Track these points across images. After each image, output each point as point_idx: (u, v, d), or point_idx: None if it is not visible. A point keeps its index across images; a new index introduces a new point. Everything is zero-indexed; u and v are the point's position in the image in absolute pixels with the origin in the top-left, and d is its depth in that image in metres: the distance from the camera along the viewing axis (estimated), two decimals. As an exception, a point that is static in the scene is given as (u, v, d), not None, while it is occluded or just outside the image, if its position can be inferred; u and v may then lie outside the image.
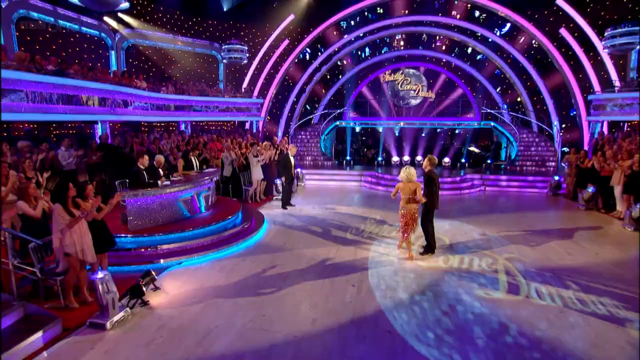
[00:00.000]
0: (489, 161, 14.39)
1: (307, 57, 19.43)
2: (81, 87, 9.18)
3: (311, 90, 19.68)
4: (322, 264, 6.07)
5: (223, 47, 16.17)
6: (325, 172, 14.17)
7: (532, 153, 14.36)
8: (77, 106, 8.87)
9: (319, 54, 19.20)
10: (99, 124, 10.14)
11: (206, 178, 7.68)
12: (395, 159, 15.95)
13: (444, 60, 18.90)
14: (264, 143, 10.92)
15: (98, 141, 9.31)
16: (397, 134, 18.55)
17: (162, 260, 6.00)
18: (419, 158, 15.75)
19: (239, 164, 10.75)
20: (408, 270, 5.87)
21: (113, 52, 13.93)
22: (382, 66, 19.99)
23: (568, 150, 11.40)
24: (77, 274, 4.62)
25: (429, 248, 6.38)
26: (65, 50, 12.32)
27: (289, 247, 6.88)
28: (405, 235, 6.23)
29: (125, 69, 13.98)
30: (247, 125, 18.05)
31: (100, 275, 4.14)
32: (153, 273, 5.07)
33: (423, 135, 18.25)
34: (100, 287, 4.08)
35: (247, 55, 16.68)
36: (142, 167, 6.63)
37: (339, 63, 20.05)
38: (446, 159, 15.03)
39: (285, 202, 9.82)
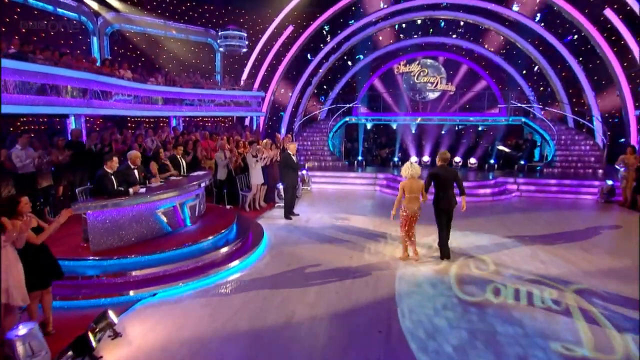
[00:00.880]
0: (522, 162, 13.09)
1: (314, 46, 18.22)
2: (50, 75, 8.07)
3: (318, 83, 18.49)
4: (337, 298, 4.88)
5: (219, 33, 15.01)
6: (334, 173, 12.96)
7: (572, 152, 13.05)
8: (41, 96, 7.74)
9: (327, 42, 18.01)
10: (72, 118, 9.02)
11: (194, 183, 6.53)
12: (413, 159, 14.67)
13: (465, 48, 17.60)
14: (264, 141, 9.74)
15: (69, 137, 8.18)
16: (413, 131, 17.29)
17: (131, 292, 4.84)
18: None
19: (236, 165, 9.58)
20: (450, 306, 4.66)
21: (95, 39, 12.84)
22: (396, 56, 18.76)
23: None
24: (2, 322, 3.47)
25: (446, 254, 6.07)
26: (37, 34, 11.23)
27: (294, 272, 5.69)
28: (409, 237, 5.96)
29: (109, 57, 12.88)
30: (247, 122, 16.89)
31: (21, 330, 2.98)
32: (111, 315, 3.90)
33: (443, 132, 16.98)
34: (19, 349, 2.92)
35: (247, 43, 15.53)
36: (109, 171, 5.48)
37: (348, 53, 18.84)
38: (472, 160, 13.75)
39: (289, 211, 8.63)
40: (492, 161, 13.53)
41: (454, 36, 17.80)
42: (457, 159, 14.02)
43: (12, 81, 7.40)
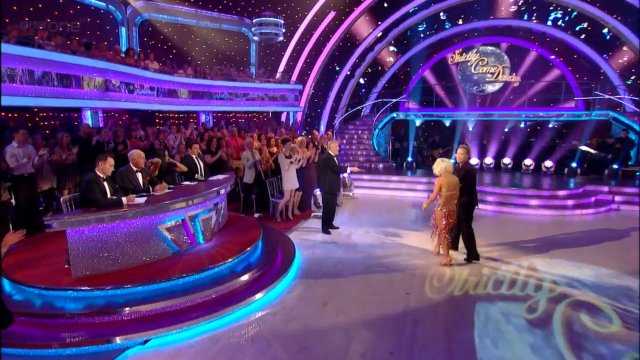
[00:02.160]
0: (615, 166, 10.83)
1: (357, 34, 16.74)
2: (60, 63, 7.25)
3: (361, 75, 17.00)
4: (395, 364, 3.44)
5: (254, 21, 13.95)
6: (380, 177, 11.44)
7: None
8: (47, 87, 6.91)
9: (372, 29, 16.47)
10: (88, 112, 8.21)
11: (211, 191, 5.33)
12: (473, 161, 12.78)
13: (535, 32, 15.32)
14: (299, 139, 8.43)
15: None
16: (471, 129, 15.32)
17: (118, 339, 3.67)
18: (506, 160, 12.48)
19: (266, 167, 8.36)
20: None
21: (124, 29, 12.18)
22: (450, 44, 16.85)
23: None
24: None
25: (474, 255, 5.77)
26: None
27: (331, 314, 4.30)
28: (446, 236, 5.61)
29: (138, 48, 12.18)
30: (283, 118, 15.73)
31: None
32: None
33: (506, 130, 14.86)
34: None
35: (283, 30, 14.33)
36: (101, 174, 4.38)
37: (396, 41, 17.19)
38: (548, 163, 11.65)
39: (328, 224, 7.26)
40: (574, 165, 11.36)
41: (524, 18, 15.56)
42: (528, 161, 11.97)
43: (18, 70, 6.62)
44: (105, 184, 4.38)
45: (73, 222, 3.90)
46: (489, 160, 12.69)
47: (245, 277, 4.69)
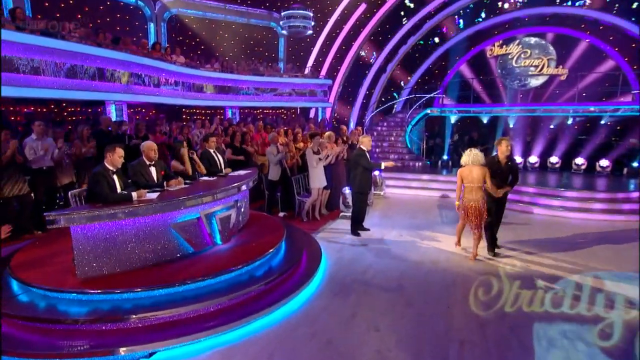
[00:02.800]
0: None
1: (389, 27, 16.03)
2: (85, 56, 7.08)
3: (394, 69, 16.28)
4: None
5: (282, 14, 13.55)
6: (413, 176, 10.73)
7: None
8: (72, 80, 6.74)
9: (405, 21, 15.71)
10: (112, 106, 8.03)
11: (231, 187, 4.88)
12: (517, 159, 11.79)
13: (588, 19, 14.05)
14: (327, 133, 7.90)
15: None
16: (511, 126, 14.26)
17: (122, 350, 3.27)
18: (554, 159, 11.42)
19: (292, 163, 7.89)
20: None
21: (152, 24, 12.10)
22: (490, 35, 15.81)
23: None
24: None
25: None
26: (93, 20, 10.65)
27: (361, 327, 3.74)
28: (474, 231, 5.37)
29: (166, 44, 12.06)
30: (312, 114, 15.26)
31: None
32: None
33: (552, 127, 13.69)
34: None
35: (312, 23, 13.84)
36: (110, 167, 4.03)
37: (430, 34, 16.35)
38: (604, 162, 10.52)
39: (357, 225, 6.69)
40: (636, 164, 10.17)
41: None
42: (580, 160, 10.87)
43: (42, 62, 6.47)
44: (115, 177, 4.02)
45: (73, 218, 3.55)
46: (533, 159, 11.66)
47: (263, 284, 4.20)
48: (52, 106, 8.85)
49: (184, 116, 12.33)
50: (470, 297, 4.37)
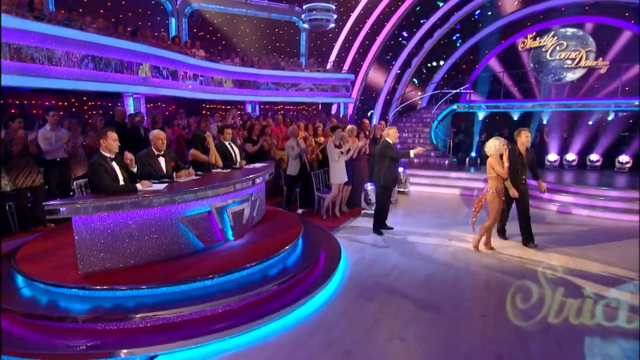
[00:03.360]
0: None
1: (414, 20, 15.45)
2: (101, 47, 6.95)
3: (419, 64, 15.68)
4: None
5: (305, 7, 13.22)
6: (439, 173, 10.19)
7: None
8: (86, 70, 6.61)
9: (431, 14, 15.09)
10: (130, 99, 7.90)
11: (245, 179, 4.57)
12: (552, 157, 11.04)
13: (632, 5, 13.02)
14: (348, 127, 7.49)
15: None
16: (545, 122, 13.41)
17: (122, 352, 2.99)
18: (594, 157, 10.59)
19: (312, 157, 7.54)
20: None
21: (173, 20, 12.01)
22: (522, 27, 14.99)
23: None
24: None
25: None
26: (115, 15, 10.63)
27: (386, 333, 3.33)
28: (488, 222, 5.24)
29: (188, 39, 11.95)
30: (334, 110, 14.87)
31: None
32: None
33: (590, 123, 12.77)
34: None
35: (335, 16, 13.44)
36: (107, 154, 3.77)
37: (457, 26, 15.65)
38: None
39: (380, 223, 6.26)
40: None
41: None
42: (624, 158, 10.03)
43: (58, 52, 6.37)
44: (114, 164, 3.76)
45: (74, 208, 3.30)
46: (571, 156, 10.86)
47: (277, 284, 3.86)
48: (73, 100, 8.83)
49: (203, 112, 12.18)
50: (507, 305, 3.88)
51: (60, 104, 8.61)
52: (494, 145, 5.08)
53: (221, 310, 3.46)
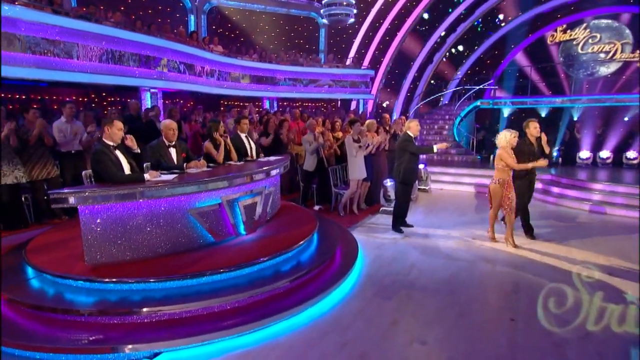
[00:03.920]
0: None
1: (437, 14, 15.02)
2: (119, 40, 6.95)
3: (441, 60, 15.26)
4: None
5: (324, 1, 13.02)
6: (462, 170, 9.80)
7: None
8: (103, 64, 6.60)
9: (453, 8, 14.64)
10: (147, 94, 7.89)
11: (259, 170, 4.40)
12: (584, 154, 10.46)
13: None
14: (368, 121, 7.24)
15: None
16: (575, 118, 12.76)
17: (127, 348, 2.86)
18: (631, 154, 9.97)
19: (329, 152, 7.32)
20: None
21: (192, 17, 12.04)
22: (552, 20, 14.39)
23: None
24: None
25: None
26: (135, 12, 10.71)
27: (405, 335, 3.09)
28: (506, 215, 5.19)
29: (206, 35, 11.95)
30: (353, 106, 14.62)
31: None
32: None
33: (626, 119, 12.06)
34: None
35: (354, 11, 13.19)
36: (110, 143, 3.65)
37: (482, 20, 15.14)
38: None
39: (400, 220, 5.98)
40: None
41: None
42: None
43: (76, 45, 6.39)
44: (118, 152, 3.64)
45: (81, 196, 3.19)
46: (605, 153, 10.25)
47: (289, 280, 3.66)
48: (93, 96, 8.92)
49: (221, 108, 12.16)
50: (538, 309, 3.57)
51: (80, 99, 8.71)
52: (505, 137, 5.13)
53: (230, 306, 3.29)
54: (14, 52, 5.71)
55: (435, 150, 5.58)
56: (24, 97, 7.69)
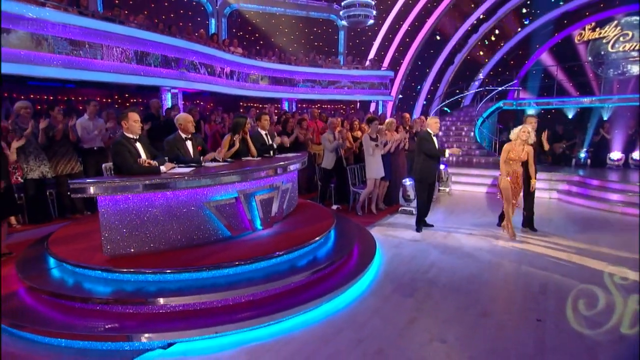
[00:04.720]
0: None
1: (458, 15, 14.79)
2: (140, 41, 7.11)
3: (462, 61, 14.99)
4: None
5: (343, 3, 13.02)
6: (484, 172, 9.54)
7: None
8: (124, 64, 6.76)
9: (474, 7, 14.39)
10: (168, 94, 8.03)
11: (276, 165, 4.37)
12: (615, 155, 10.03)
13: None
14: (388, 120, 7.15)
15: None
16: (605, 119, 12.27)
17: (142, 337, 2.85)
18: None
19: (348, 152, 7.25)
20: None
21: (213, 20, 12.25)
22: (579, 18, 13.94)
23: None
24: None
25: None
26: (157, 16, 10.99)
27: (423, 334, 2.97)
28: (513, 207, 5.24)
29: (226, 38, 12.13)
30: (372, 108, 14.52)
31: None
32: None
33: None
34: None
35: (374, 12, 13.13)
36: (130, 135, 3.69)
37: (504, 20, 14.80)
38: None
39: (421, 220, 5.84)
40: None
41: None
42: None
43: (99, 46, 6.57)
44: (138, 145, 3.68)
45: (103, 187, 3.22)
46: (638, 155, 9.79)
47: (306, 274, 3.60)
48: (116, 97, 9.16)
49: (241, 110, 12.29)
50: (567, 310, 3.38)
51: (104, 100, 8.95)
52: (515, 132, 5.25)
53: (244, 299, 3.25)
54: (42, 52, 5.90)
55: (447, 154, 5.56)
56: (51, 97, 7.96)
